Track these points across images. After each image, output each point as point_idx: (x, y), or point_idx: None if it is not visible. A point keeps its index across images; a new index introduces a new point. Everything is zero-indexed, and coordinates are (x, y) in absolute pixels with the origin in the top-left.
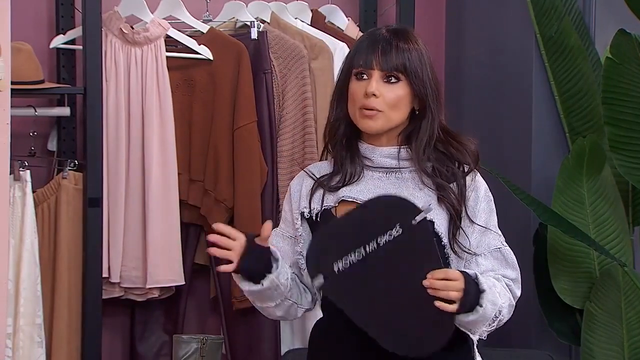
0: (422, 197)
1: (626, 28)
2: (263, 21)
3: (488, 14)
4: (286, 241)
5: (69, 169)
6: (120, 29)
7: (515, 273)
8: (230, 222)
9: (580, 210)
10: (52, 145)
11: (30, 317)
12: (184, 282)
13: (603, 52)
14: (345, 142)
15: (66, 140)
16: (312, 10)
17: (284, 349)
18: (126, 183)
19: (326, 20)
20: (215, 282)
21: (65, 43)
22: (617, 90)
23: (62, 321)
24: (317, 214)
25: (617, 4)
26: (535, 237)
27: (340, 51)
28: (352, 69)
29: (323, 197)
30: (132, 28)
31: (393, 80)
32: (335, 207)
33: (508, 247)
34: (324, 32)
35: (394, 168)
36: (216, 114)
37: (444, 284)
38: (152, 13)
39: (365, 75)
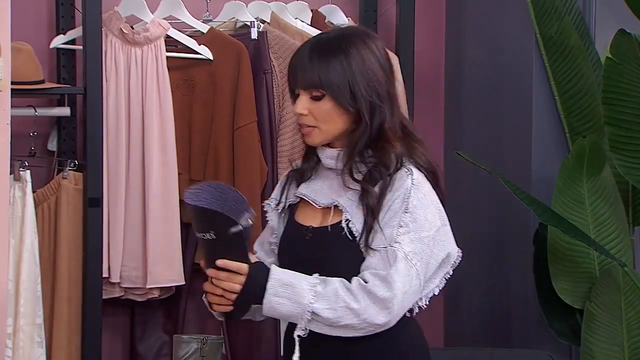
0: (344, 198)
1: (626, 28)
2: (263, 21)
3: (488, 14)
4: (268, 230)
5: (69, 169)
6: (120, 29)
7: (387, 272)
8: None
9: (580, 210)
10: (52, 145)
11: (30, 317)
12: (184, 282)
13: (603, 52)
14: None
15: (66, 140)
16: (312, 10)
17: (284, 349)
18: (126, 183)
19: (326, 20)
20: None
21: (65, 43)
22: (617, 90)
23: (62, 321)
24: (283, 207)
25: (617, 4)
26: (535, 237)
27: None
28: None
29: (288, 192)
30: (132, 28)
31: (317, 96)
32: (297, 202)
33: (399, 248)
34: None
35: (336, 169)
36: (216, 114)
37: (226, 275)
38: (152, 13)
39: (295, 90)
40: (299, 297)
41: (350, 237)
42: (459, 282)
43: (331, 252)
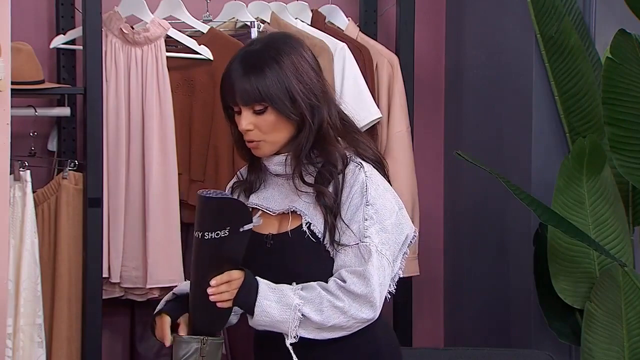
0: (300, 201)
1: (626, 28)
2: (263, 21)
3: (488, 14)
4: None
5: (69, 169)
6: (121, 29)
7: (363, 268)
8: None
9: (580, 210)
10: (52, 145)
11: (30, 317)
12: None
13: (603, 52)
14: (248, 154)
15: (66, 140)
16: (312, 10)
17: None
18: (126, 183)
19: (326, 21)
20: None
21: (65, 43)
22: (617, 90)
23: (62, 321)
24: None
25: (617, 4)
26: (535, 237)
27: (340, 51)
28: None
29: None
30: (132, 28)
31: (259, 109)
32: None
33: (370, 242)
34: (324, 32)
35: (287, 174)
36: (216, 114)
37: (227, 285)
38: (152, 13)
39: (237, 109)
40: (288, 299)
41: (313, 239)
42: (459, 282)
43: (296, 257)
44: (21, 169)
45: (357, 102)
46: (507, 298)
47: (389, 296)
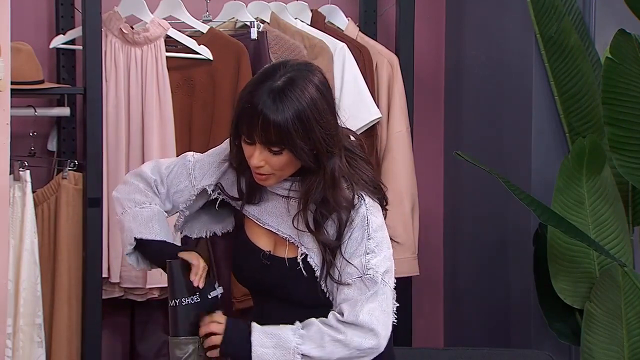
0: (296, 231)
1: (626, 28)
2: (263, 21)
3: (488, 14)
4: (182, 192)
5: (69, 169)
6: (120, 29)
7: (364, 297)
8: None
9: (580, 210)
10: (52, 145)
11: (30, 317)
12: None
13: (603, 52)
14: (248, 168)
15: (66, 140)
16: (312, 10)
17: None
18: None
19: (326, 21)
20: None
21: (65, 43)
22: (617, 90)
23: (62, 321)
24: (215, 200)
25: (617, 4)
26: (535, 237)
27: (340, 51)
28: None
29: (226, 186)
30: (132, 28)
31: (276, 150)
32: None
33: (375, 273)
34: (323, 32)
35: (286, 196)
36: (216, 114)
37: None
38: (152, 13)
39: (251, 141)
40: (285, 342)
41: (307, 272)
42: (459, 282)
43: (293, 286)
44: (21, 169)
45: (356, 102)
46: (507, 298)
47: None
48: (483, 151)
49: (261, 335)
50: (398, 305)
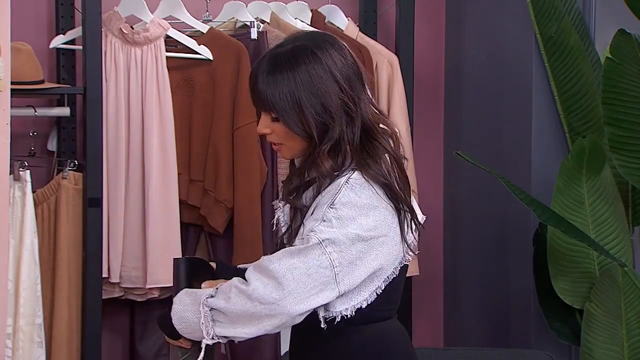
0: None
1: (626, 28)
2: (263, 21)
3: (488, 14)
4: None
5: (69, 169)
6: (120, 29)
7: (289, 250)
8: (230, 222)
9: (580, 210)
10: (52, 145)
11: (30, 317)
12: None
13: (603, 52)
14: None
15: (66, 140)
16: (312, 11)
17: (283, 349)
18: (126, 183)
19: (326, 21)
20: None
21: (65, 43)
22: (616, 90)
23: (62, 321)
24: None
25: (617, 4)
26: (535, 237)
27: None
28: None
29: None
30: (132, 28)
31: (274, 117)
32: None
33: (314, 235)
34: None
35: None
36: (216, 114)
37: None
38: (152, 13)
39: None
40: (198, 296)
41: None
42: (459, 282)
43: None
44: (21, 169)
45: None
46: (507, 298)
47: (338, 318)
48: (483, 151)
49: (183, 294)
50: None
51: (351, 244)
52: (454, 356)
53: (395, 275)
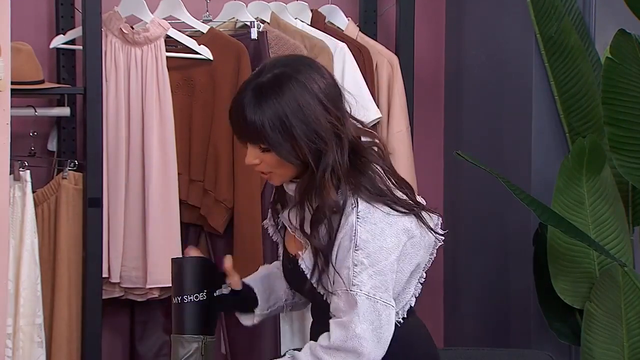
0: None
1: (626, 28)
2: (263, 21)
3: (488, 14)
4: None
5: (69, 169)
6: (120, 29)
7: (347, 318)
8: (230, 222)
9: (580, 210)
10: (52, 146)
11: (30, 317)
12: None
13: (603, 52)
14: None
15: (66, 140)
16: (312, 10)
17: (283, 349)
18: (126, 183)
19: (326, 21)
20: None
21: (65, 43)
22: (617, 90)
23: (62, 321)
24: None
25: (617, 4)
26: (535, 237)
27: (340, 51)
28: None
29: (277, 212)
30: (132, 28)
31: (264, 147)
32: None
33: (358, 290)
34: (323, 32)
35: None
36: (216, 114)
37: None
38: (152, 13)
39: (238, 139)
40: None
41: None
42: (459, 283)
43: (301, 287)
44: (21, 169)
45: (356, 102)
46: (507, 298)
47: (401, 321)
48: (483, 151)
49: None
50: (412, 305)
51: (389, 272)
52: (454, 356)
53: (433, 259)
